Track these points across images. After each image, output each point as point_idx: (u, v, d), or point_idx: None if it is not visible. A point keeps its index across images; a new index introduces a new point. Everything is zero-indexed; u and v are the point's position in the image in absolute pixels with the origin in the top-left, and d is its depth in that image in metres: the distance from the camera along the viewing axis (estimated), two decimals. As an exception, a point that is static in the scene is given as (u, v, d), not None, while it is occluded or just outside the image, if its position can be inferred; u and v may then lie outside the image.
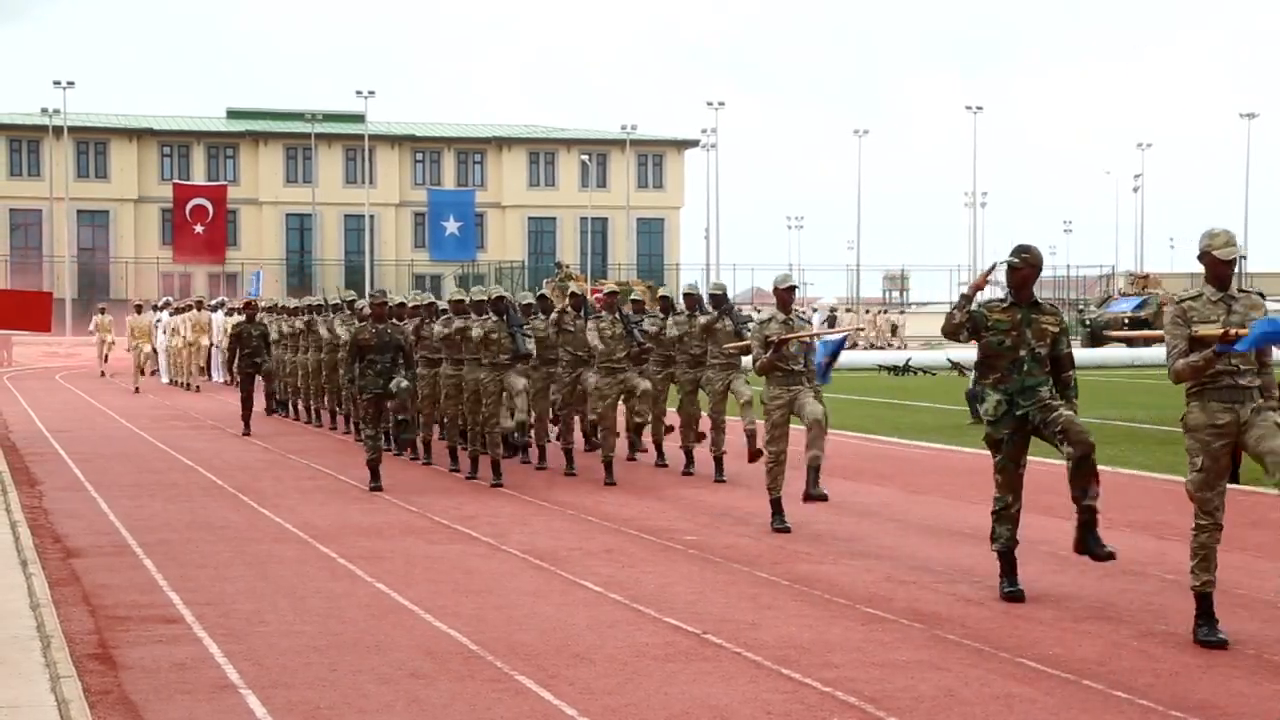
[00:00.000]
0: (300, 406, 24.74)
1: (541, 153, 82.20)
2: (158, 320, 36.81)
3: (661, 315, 17.14)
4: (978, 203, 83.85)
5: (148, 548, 11.70)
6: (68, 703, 7.03)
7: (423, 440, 18.00)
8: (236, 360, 23.17)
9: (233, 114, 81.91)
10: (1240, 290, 8.61)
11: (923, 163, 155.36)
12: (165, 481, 16.19)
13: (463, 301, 16.61)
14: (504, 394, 15.79)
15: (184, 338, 34.07)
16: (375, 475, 15.30)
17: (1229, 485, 9.05)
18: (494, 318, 15.79)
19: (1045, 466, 17.58)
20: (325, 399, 23.06)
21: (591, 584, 10.19)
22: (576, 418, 17.46)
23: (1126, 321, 51.52)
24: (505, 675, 7.72)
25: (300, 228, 78.69)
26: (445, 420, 17.29)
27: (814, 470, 12.13)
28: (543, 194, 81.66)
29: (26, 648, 8.17)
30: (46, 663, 7.83)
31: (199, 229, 76.98)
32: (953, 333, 9.63)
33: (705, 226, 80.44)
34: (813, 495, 12.14)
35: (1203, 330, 8.34)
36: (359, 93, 74.51)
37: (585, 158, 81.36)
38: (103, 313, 40.90)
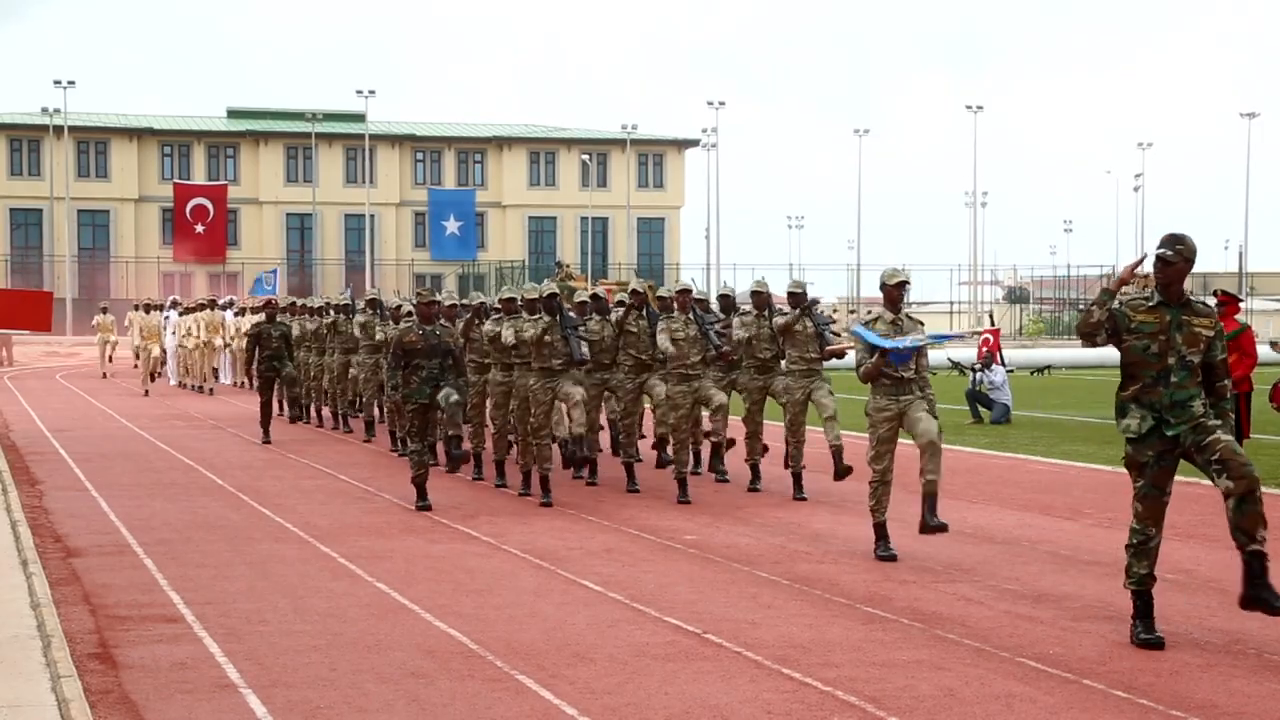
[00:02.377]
0: (324, 412, 23.54)
1: (542, 152, 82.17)
2: (166, 319, 35.60)
3: (717, 316, 15.89)
4: (978, 203, 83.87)
5: (148, 547, 11.70)
6: (68, 702, 7.04)
7: (473, 452, 16.25)
8: (255, 363, 21.64)
9: (233, 114, 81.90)
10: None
11: (923, 163, 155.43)
12: (166, 481, 16.20)
13: (514, 300, 15.11)
14: (558, 404, 14.51)
15: (198, 338, 32.81)
16: (422, 494, 13.88)
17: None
18: (546, 318, 14.29)
19: (1043, 466, 17.61)
20: (349, 402, 22.06)
21: (592, 583, 10.19)
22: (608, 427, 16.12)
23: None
24: (505, 674, 7.72)
25: (301, 227, 78.65)
26: (494, 431, 15.81)
27: (931, 498, 11.02)
28: (543, 193, 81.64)
29: (27, 647, 8.18)
30: (47, 662, 7.84)
31: (199, 229, 76.96)
32: (1090, 333, 8.54)
33: (705, 226, 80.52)
34: (930, 526, 10.98)
35: None
36: (359, 92, 74.62)
37: (585, 157, 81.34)
38: (104, 312, 40.15)
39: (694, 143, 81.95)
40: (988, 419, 23.99)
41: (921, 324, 11.46)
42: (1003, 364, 25.67)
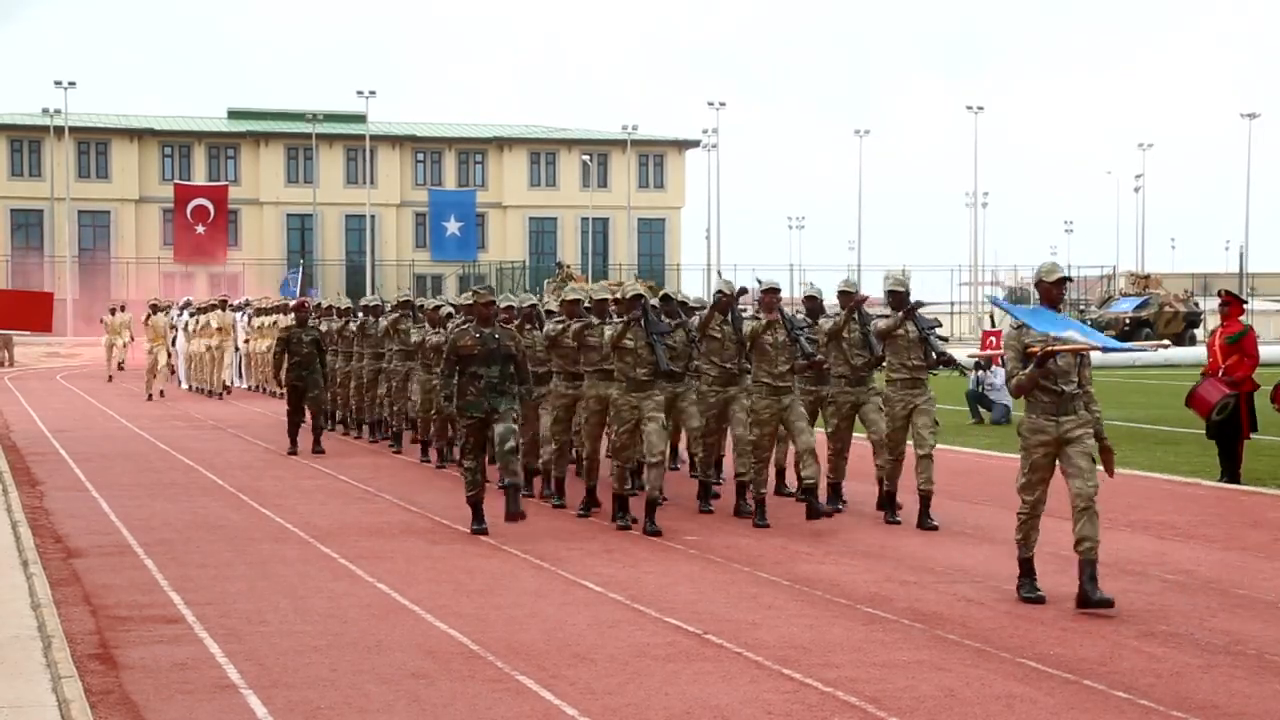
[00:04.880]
0: (350, 421, 21.97)
1: (542, 153, 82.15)
2: (178, 317, 34.09)
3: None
4: (978, 203, 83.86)
5: (148, 548, 11.70)
6: (69, 702, 7.04)
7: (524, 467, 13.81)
8: (284, 370, 20.05)
9: (233, 114, 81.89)
10: None
11: (923, 163, 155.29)
12: (166, 481, 16.20)
13: (578, 302, 13.72)
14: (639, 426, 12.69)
15: (211, 340, 31.22)
16: (479, 515, 12.40)
17: (1230, 485, 9.01)
18: (619, 320, 12.84)
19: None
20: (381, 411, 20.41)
21: (592, 584, 10.19)
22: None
23: (1127, 322, 51.55)
24: (506, 675, 7.72)
25: (301, 228, 78.62)
26: (553, 449, 14.22)
27: (1089, 565, 9.33)
28: (544, 194, 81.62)
29: (27, 648, 8.18)
30: (47, 663, 7.84)
31: (200, 229, 76.93)
32: None
33: (706, 226, 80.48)
34: (1095, 600, 9.26)
35: None
36: (360, 93, 74.54)
37: (586, 158, 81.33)
38: (113, 313, 38.16)
39: (694, 143, 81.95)
40: (988, 419, 24.03)
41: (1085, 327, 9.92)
42: (1003, 364, 25.63)
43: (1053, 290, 9.64)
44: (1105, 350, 9.74)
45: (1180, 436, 20.54)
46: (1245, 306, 17.03)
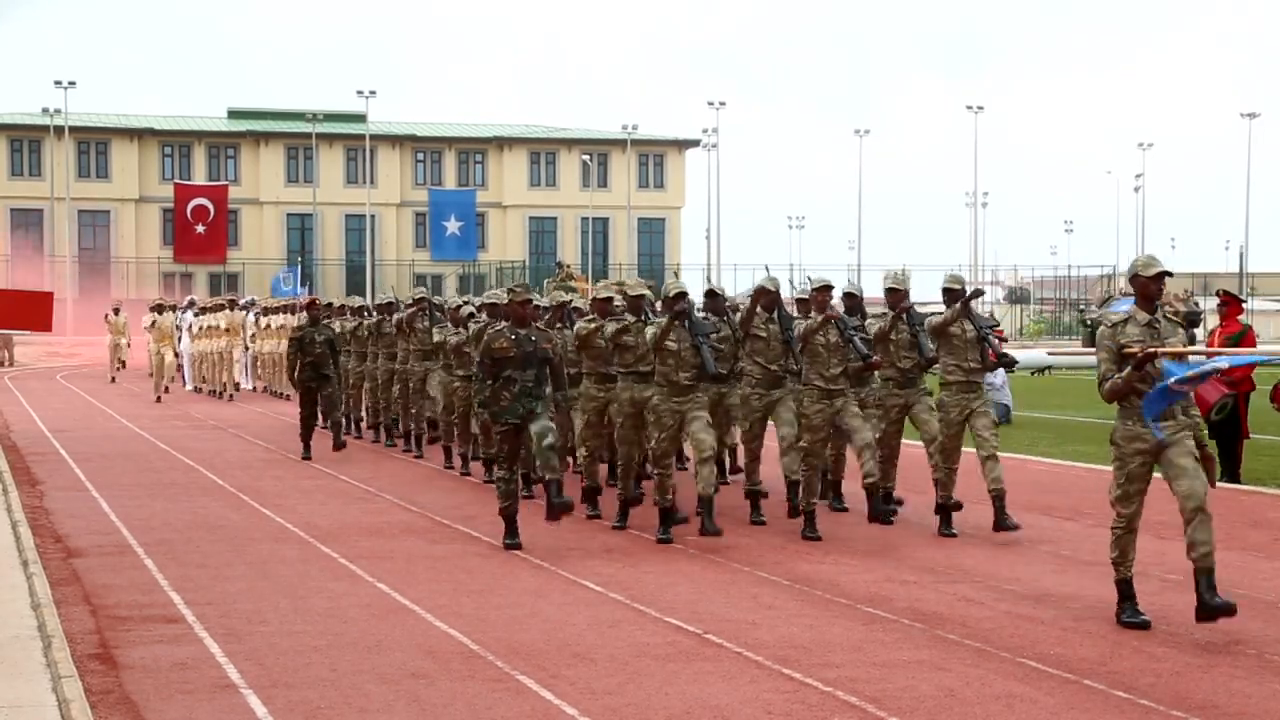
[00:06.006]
0: (366, 425, 21.50)
1: (542, 152, 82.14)
2: (182, 316, 33.51)
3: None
4: (978, 203, 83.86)
5: (148, 547, 11.70)
6: (69, 702, 7.04)
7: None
8: (297, 371, 19.18)
9: (233, 114, 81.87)
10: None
11: (923, 163, 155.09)
12: (166, 481, 16.19)
13: (611, 300, 13.13)
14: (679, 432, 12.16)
15: (220, 340, 30.64)
16: (512, 529, 11.70)
17: (1230, 485, 8.98)
18: (661, 320, 12.10)
19: (1044, 466, 17.61)
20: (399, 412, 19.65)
21: (592, 583, 10.19)
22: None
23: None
24: (506, 675, 7.72)
25: (301, 228, 78.60)
26: (584, 454, 13.69)
27: (1207, 574, 8.58)
28: (544, 194, 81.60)
29: (27, 647, 8.18)
30: (47, 662, 7.84)
31: (200, 229, 76.91)
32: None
33: (706, 226, 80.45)
34: (1212, 606, 8.57)
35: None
36: (360, 93, 74.47)
37: (586, 158, 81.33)
38: (117, 312, 37.28)
39: (694, 143, 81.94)
40: (988, 419, 23.93)
41: (1184, 327, 9.08)
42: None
43: (1150, 286, 8.72)
44: (1229, 365, 8.93)
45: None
46: (1244, 306, 17.04)
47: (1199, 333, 55.77)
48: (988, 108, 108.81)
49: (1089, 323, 52.67)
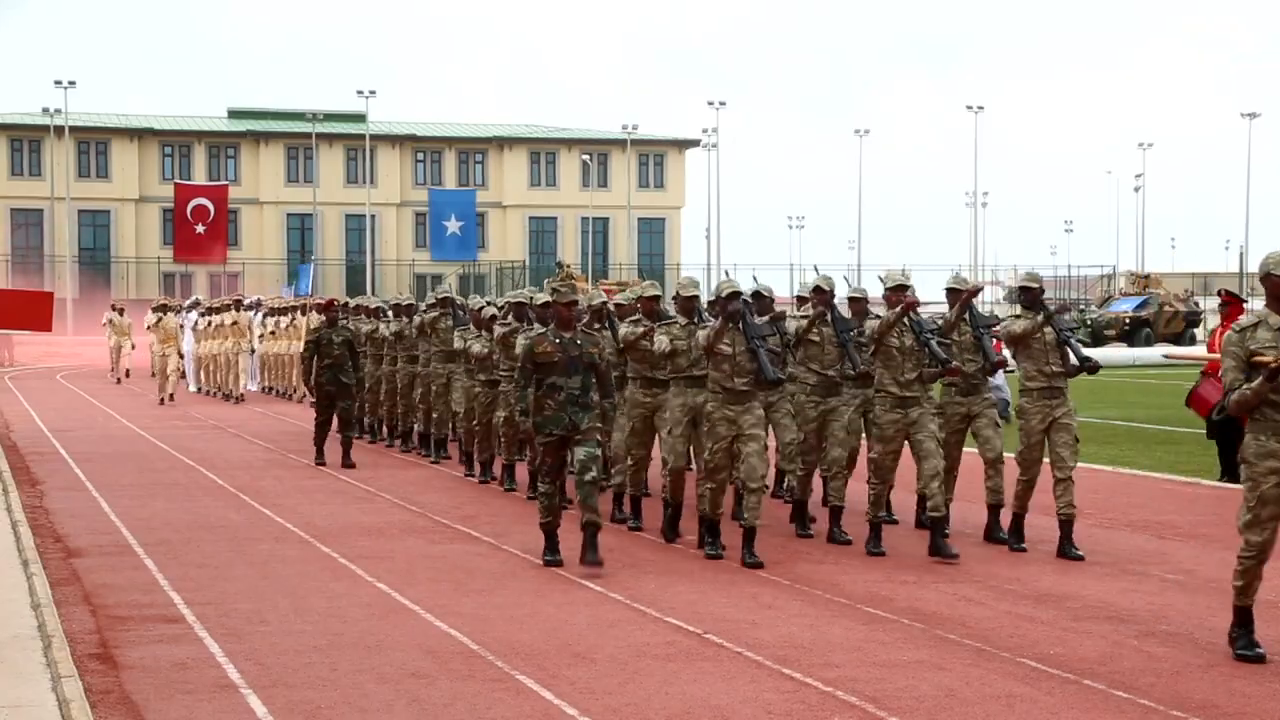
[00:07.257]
0: (385, 429, 20.65)
1: (542, 152, 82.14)
2: (185, 317, 32.87)
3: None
4: (978, 203, 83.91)
5: (149, 547, 11.70)
6: (69, 702, 7.04)
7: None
8: (314, 373, 18.46)
9: (234, 114, 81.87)
10: None
11: (923, 163, 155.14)
12: (166, 481, 16.19)
13: (657, 298, 12.34)
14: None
15: (227, 341, 29.92)
16: (553, 545, 10.97)
17: (1230, 486, 8.97)
18: (713, 322, 11.10)
19: (1045, 466, 17.57)
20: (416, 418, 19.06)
21: (592, 583, 10.19)
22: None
23: (1127, 321, 51.59)
24: (506, 675, 7.72)
25: (301, 227, 78.59)
26: (630, 465, 12.86)
27: None
28: (544, 194, 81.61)
29: (27, 647, 8.18)
30: (48, 662, 7.84)
31: (200, 229, 76.91)
32: None
33: (706, 226, 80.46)
34: None
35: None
36: (360, 92, 74.43)
37: (586, 157, 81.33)
38: (120, 313, 36.68)
39: (694, 143, 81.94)
40: (988, 419, 23.92)
41: None
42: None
43: None
44: None
45: (1180, 436, 20.54)
46: (1245, 306, 17.02)
47: (1199, 333, 55.56)
48: (988, 108, 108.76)
49: (1089, 323, 52.72)
